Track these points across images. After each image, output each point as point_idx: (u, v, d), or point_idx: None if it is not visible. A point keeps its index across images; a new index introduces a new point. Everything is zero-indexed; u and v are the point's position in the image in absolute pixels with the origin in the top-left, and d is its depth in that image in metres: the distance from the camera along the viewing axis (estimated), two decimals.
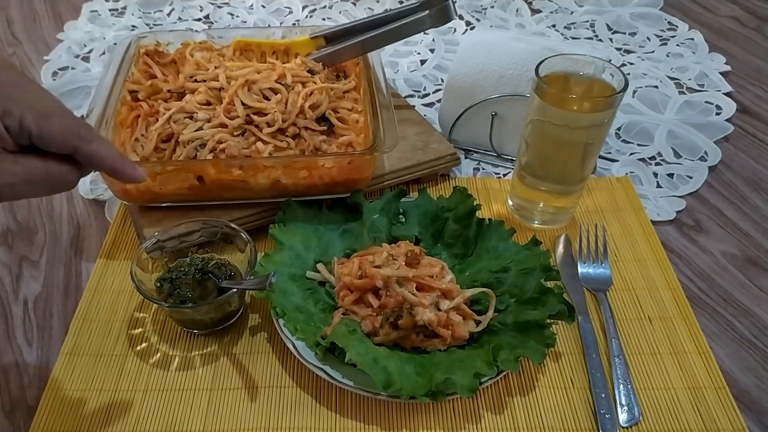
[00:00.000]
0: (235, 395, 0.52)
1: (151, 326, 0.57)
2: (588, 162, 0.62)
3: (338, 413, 0.50)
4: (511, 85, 0.71)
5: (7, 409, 0.51)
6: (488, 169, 0.76)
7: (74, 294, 0.60)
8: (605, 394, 0.51)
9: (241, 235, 0.57)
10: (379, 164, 0.68)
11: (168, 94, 0.67)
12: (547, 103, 0.58)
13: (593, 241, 0.64)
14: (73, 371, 0.53)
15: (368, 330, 0.52)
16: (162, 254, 0.57)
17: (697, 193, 0.73)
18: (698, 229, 0.68)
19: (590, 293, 0.60)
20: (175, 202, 0.62)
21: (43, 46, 1.00)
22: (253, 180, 0.60)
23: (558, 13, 1.10)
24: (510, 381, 0.53)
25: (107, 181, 0.60)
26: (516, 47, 0.71)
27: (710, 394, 0.52)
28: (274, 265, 0.56)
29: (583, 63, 0.61)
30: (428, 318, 0.50)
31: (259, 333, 0.57)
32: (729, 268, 0.64)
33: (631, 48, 1.01)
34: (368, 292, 0.53)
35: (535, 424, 0.50)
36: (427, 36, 1.02)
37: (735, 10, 1.13)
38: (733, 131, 0.83)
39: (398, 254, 0.55)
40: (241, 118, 0.62)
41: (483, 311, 0.54)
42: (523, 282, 0.55)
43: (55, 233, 0.67)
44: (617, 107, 0.58)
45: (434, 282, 0.53)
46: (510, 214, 0.69)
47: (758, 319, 0.59)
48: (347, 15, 1.10)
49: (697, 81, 0.93)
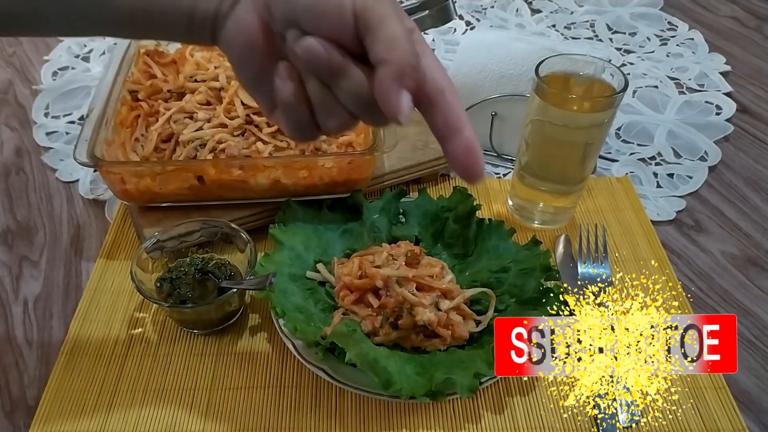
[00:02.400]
0: (235, 395, 0.52)
1: (151, 326, 0.57)
2: (588, 162, 0.62)
3: (338, 413, 0.50)
4: (511, 85, 0.71)
5: (7, 409, 0.51)
6: (488, 169, 0.76)
7: (74, 294, 0.60)
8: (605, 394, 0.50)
9: (241, 235, 0.57)
10: (379, 164, 0.68)
11: (168, 94, 0.67)
12: (547, 103, 0.58)
13: (593, 241, 0.64)
14: (73, 371, 0.53)
15: (368, 330, 0.52)
16: (162, 254, 0.57)
17: (697, 193, 0.73)
18: (698, 229, 0.68)
19: None
20: (175, 202, 0.62)
21: (43, 46, 1.00)
22: (253, 180, 0.60)
23: (558, 13, 1.10)
24: (510, 381, 0.53)
25: (107, 181, 0.60)
26: (516, 47, 0.71)
27: (710, 394, 0.52)
28: (274, 265, 0.56)
29: (583, 63, 0.61)
30: (428, 318, 0.50)
31: (259, 333, 0.57)
32: (729, 268, 0.64)
33: (631, 48, 1.01)
34: (368, 292, 0.53)
35: (535, 424, 0.50)
36: (427, 36, 1.02)
37: (735, 10, 1.13)
38: (733, 131, 0.83)
39: (398, 254, 0.55)
40: (241, 118, 0.62)
41: (483, 311, 0.54)
42: (523, 282, 0.55)
43: (55, 233, 0.67)
44: (617, 107, 0.58)
45: (434, 282, 0.53)
46: (510, 214, 0.69)
47: (758, 319, 0.59)
48: None
49: (697, 81, 0.93)
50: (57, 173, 0.74)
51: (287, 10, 0.31)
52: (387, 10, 0.31)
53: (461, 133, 0.33)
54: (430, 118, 0.33)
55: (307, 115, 0.34)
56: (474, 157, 0.33)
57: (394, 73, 0.30)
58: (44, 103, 0.86)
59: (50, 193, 0.72)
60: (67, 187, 0.73)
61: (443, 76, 0.33)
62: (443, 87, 0.33)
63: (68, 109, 0.85)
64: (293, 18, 0.31)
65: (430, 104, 0.33)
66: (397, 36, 0.30)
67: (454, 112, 0.33)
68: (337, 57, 0.31)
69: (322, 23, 0.31)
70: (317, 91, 0.33)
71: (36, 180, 0.74)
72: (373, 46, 0.31)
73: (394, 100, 0.30)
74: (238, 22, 0.34)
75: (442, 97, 0.33)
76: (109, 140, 0.61)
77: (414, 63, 0.31)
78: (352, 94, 0.32)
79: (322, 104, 0.33)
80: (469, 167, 0.33)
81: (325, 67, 0.31)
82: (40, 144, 0.79)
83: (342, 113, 0.33)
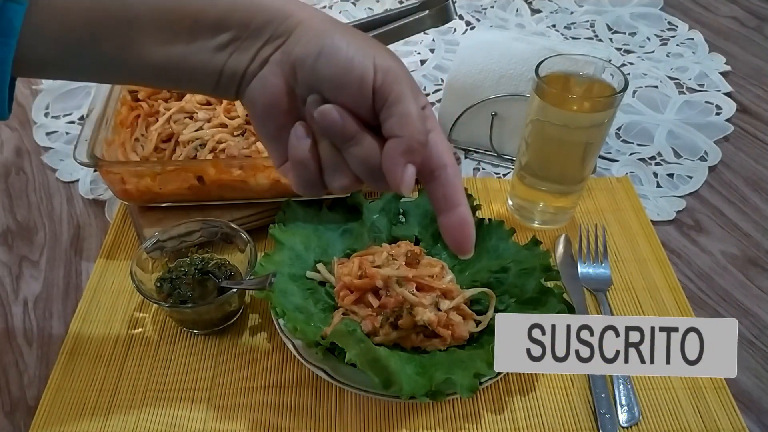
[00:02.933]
0: (235, 395, 0.52)
1: (151, 326, 0.57)
2: (588, 162, 0.62)
3: (338, 413, 0.50)
4: (511, 85, 0.71)
5: (7, 409, 0.51)
6: (488, 169, 0.76)
7: (74, 294, 0.60)
8: (605, 394, 0.51)
9: (241, 235, 0.57)
10: None
11: (168, 94, 0.67)
12: (547, 103, 0.58)
13: (593, 241, 0.64)
14: (73, 371, 0.53)
15: (368, 330, 0.52)
16: (162, 254, 0.57)
17: (697, 193, 0.73)
18: (698, 229, 0.68)
19: (590, 293, 0.60)
20: (175, 202, 0.62)
21: None
22: (253, 180, 0.60)
23: (558, 13, 1.10)
24: (510, 381, 0.53)
25: (107, 181, 0.60)
26: (516, 47, 0.71)
27: (710, 394, 0.52)
28: (274, 265, 0.56)
29: (583, 63, 0.61)
30: (428, 318, 0.50)
31: (259, 333, 0.57)
32: (729, 268, 0.64)
33: (631, 48, 1.01)
34: (368, 292, 0.53)
35: (535, 424, 0.50)
36: (427, 36, 1.02)
37: (735, 10, 1.13)
38: (733, 131, 0.83)
39: (398, 254, 0.55)
40: (241, 117, 0.62)
41: (483, 311, 0.54)
42: (523, 282, 0.55)
43: (55, 233, 0.67)
44: (617, 107, 0.58)
45: (434, 282, 0.53)
46: (510, 214, 0.69)
47: (758, 319, 0.59)
48: (347, 15, 1.10)
49: (697, 81, 0.93)
50: (57, 173, 0.74)
51: (312, 78, 0.34)
52: (404, 89, 0.33)
53: (457, 208, 0.35)
54: (431, 190, 0.36)
55: (315, 173, 0.36)
56: (466, 232, 0.35)
57: (404, 148, 0.33)
58: (44, 103, 0.86)
59: (50, 193, 0.72)
60: (67, 187, 0.73)
61: (447, 152, 0.35)
62: (446, 163, 0.35)
63: (68, 109, 0.85)
64: (316, 85, 0.34)
65: (432, 177, 0.35)
66: (411, 114, 0.33)
67: (454, 187, 0.35)
68: (352, 125, 0.33)
69: (343, 94, 0.33)
70: (328, 153, 0.35)
71: (36, 180, 0.74)
72: (387, 120, 0.33)
73: (399, 172, 0.33)
74: (265, 82, 0.35)
75: (444, 172, 0.35)
76: (109, 140, 0.61)
77: (423, 141, 0.33)
78: (360, 161, 0.34)
79: (331, 165, 0.35)
80: (460, 241, 0.35)
81: (339, 133, 0.33)
82: (40, 144, 0.79)
83: (349, 176, 0.35)
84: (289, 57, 0.34)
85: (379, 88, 0.33)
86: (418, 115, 0.33)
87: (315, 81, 0.34)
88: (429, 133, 0.34)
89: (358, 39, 0.34)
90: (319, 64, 0.33)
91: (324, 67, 0.33)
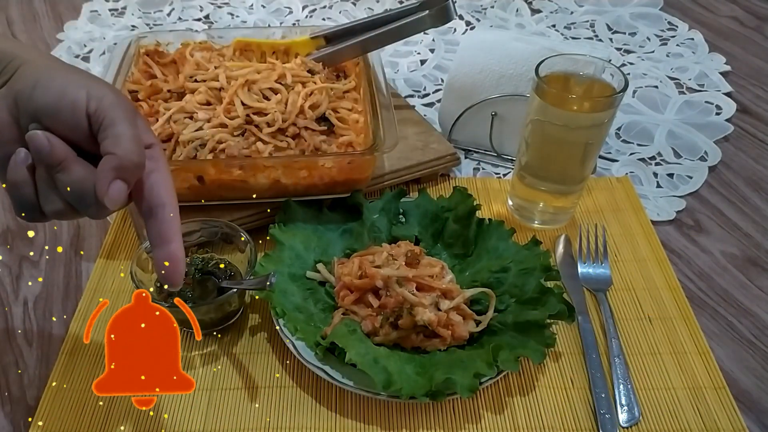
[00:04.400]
0: (235, 395, 0.52)
1: None
2: (588, 162, 0.62)
3: (338, 413, 0.50)
4: (511, 85, 0.71)
5: (7, 409, 0.51)
6: (488, 169, 0.76)
7: (74, 294, 0.60)
8: (605, 394, 0.51)
9: (241, 235, 0.57)
10: (379, 164, 0.68)
11: (168, 94, 0.67)
12: (547, 103, 0.58)
13: (593, 241, 0.64)
14: (73, 371, 0.53)
15: (368, 330, 0.52)
16: None
17: (697, 193, 0.73)
18: (698, 229, 0.68)
19: (590, 293, 0.60)
20: None
21: (43, 46, 1.00)
22: (253, 180, 0.60)
23: (558, 13, 1.10)
24: (510, 381, 0.53)
25: None
26: (516, 47, 0.71)
27: (710, 394, 0.52)
28: (274, 265, 0.56)
29: (583, 63, 0.61)
30: (428, 318, 0.50)
31: (259, 333, 0.57)
32: (729, 268, 0.64)
33: (631, 48, 1.01)
34: (368, 292, 0.53)
35: (535, 424, 0.50)
36: (427, 36, 1.02)
37: (735, 10, 1.13)
38: (733, 131, 0.83)
39: (398, 254, 0.55)
40: (241, 118, 0.62)
41: (483, 311, 0.54)
42: (523, 282, 0.55)
43: (55, 233, 0.67)
44: (617, 107, 0.58)
45: (434, 282, 0.53)
46: (510, 214, 0.69)
47: (758, 319, 0.59)
48: (347, 15, 1.10)
49: (697, 81, 0.93)
50: None
51: (30, 107, 0.37)
52: (119, 114, 0.37)
53: (169, 245, 0.38)
54: (149, 226, 0.39)
55: (32, 196, 0.38)
56: (174, 267, 0.39)
57: (115, 164, 0.35)
58: None
59: None
60: None
61: (169, 194, 0.39)
62: (165, 202, 0.39)
63: None
64: (34, 114, 0.37)
65: (151, 214, 0.39)
66: (124, 135, 0.36)
67: (168, 225, 0.39)
68: (61, 151, 0.36)
69: (58, 120, 0.37)
70: (42, 178, 0.38)
71: None
72: (103, 141, 0.36)
73: (105, 185, 0.35)
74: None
75: (162, 210, 0.39)
76: None
77: (136, 161, 0.36)
78: (67, 186, 0.37)
79: (42, 191, 0.38)
80: (168, 275, 0.39)
81: (47, 157, 0.36)
82: None
83: (59, 202, 0.38)
84: (11, 91, 0.38)
85: (93, 113, 0.36)
86: (133, 137, 0.36)
87: (33, 110, 0.37)
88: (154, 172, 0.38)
89: (74, 74, 0.38)
90: (35, 94, 0.37)
91: (40, 96, 0.37)
